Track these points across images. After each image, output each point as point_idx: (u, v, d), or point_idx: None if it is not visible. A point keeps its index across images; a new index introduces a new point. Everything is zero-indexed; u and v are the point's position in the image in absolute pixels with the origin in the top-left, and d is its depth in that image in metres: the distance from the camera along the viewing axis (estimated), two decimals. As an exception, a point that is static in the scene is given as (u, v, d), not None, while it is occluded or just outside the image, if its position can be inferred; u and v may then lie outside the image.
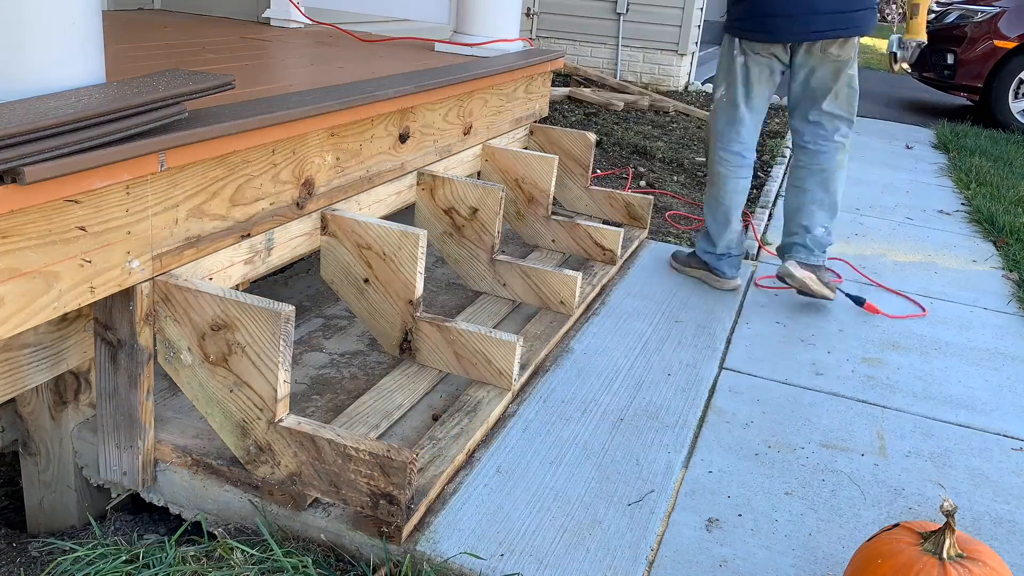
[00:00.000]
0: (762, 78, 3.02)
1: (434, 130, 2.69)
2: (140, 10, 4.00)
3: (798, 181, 3.09)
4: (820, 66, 2.94)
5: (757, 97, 3.05)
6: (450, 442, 1.97)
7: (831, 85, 2.97)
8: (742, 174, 3.13)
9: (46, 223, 1.38)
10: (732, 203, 3.13)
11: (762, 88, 3.03)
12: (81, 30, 1.50)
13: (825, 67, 2.94)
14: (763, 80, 3.02)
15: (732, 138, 3.08)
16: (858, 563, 1.59)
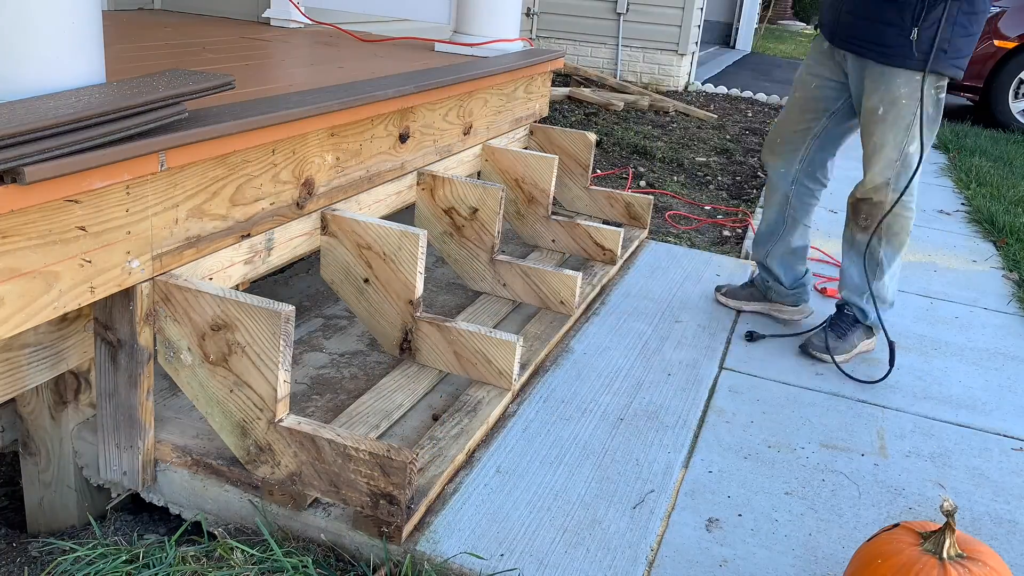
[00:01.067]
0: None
1: (434, 130, 2.69)
2: (140, 10, 4.00)
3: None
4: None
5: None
6: (450, 442, 1.97)
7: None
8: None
9: (46, 223, 1.38)
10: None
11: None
12: (81, 30, 1.50)
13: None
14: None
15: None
16: (858, 563, 1.59)
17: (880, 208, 2.58)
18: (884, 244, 2.64)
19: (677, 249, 3.59)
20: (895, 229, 2.62)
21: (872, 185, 2.57)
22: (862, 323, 2.75)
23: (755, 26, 14.25)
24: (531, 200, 3.18)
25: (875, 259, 2.67)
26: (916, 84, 2.43)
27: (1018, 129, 7.45)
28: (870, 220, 2.62)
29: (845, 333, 2.74)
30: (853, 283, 2.73)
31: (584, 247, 3.21)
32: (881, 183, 2.56)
